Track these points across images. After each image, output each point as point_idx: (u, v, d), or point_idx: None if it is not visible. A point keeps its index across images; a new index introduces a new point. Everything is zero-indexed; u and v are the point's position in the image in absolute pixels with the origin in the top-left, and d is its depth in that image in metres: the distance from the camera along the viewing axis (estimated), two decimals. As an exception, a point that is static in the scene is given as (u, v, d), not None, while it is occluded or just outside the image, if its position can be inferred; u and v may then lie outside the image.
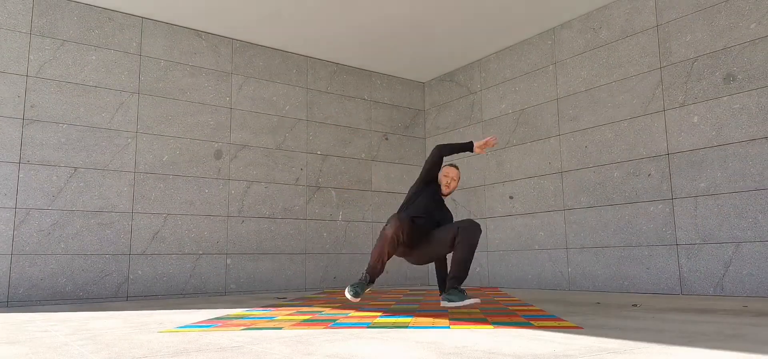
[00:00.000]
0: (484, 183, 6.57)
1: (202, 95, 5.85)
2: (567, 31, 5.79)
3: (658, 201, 4.86)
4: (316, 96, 6.65)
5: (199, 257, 5.60)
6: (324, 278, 6.40)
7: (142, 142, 5.43)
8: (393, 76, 7.36)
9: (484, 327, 2.69)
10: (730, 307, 3.46)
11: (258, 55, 6.28)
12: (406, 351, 2.06)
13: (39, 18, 5.07)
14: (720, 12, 4.58)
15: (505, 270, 6.23)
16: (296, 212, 6.31)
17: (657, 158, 4.90)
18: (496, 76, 6.56)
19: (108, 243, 5.14)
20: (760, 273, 4.20)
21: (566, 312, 3.33)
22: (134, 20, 5.53)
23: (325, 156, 6.62)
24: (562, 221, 5.66)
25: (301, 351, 2.10)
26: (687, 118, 4.72)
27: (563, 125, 5.74)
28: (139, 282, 5.25)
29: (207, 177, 5.76)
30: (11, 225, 4.74)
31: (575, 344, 2.14)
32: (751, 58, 4.37)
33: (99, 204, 5.14)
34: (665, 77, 4.91)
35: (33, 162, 4.90)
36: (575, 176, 5.58)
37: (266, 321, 3.13)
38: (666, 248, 4.77)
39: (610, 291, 5.16)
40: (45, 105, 5.00)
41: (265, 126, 6.22)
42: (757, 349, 1.95)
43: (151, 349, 2.20)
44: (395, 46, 6.43)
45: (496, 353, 1.97)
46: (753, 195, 4.28)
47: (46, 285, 4.83)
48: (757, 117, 4.30)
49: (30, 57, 4.99)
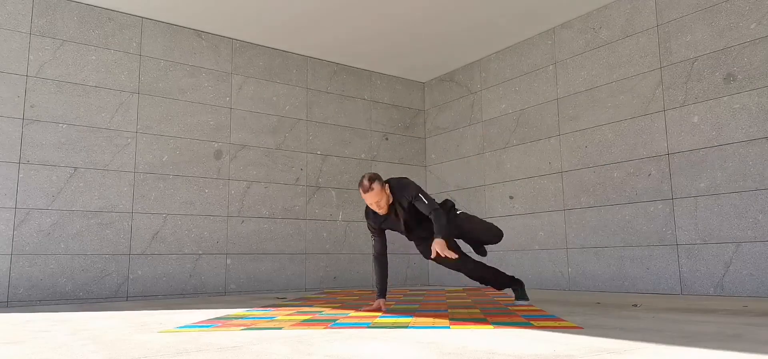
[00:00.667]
0: (484, 183, 6.57)
1: (202, 94, 5.85)
2: (567, 31, 5.79)
3: (658, 201, 4.85)
4: (316, 96, 6.65)
5: (199, 257, 5.60)
6: (324, 278, 6.40)
7: (142, 142, 5.43)
8: (393, 76, 7.36)
9: (484, 327, 2.69)
10: (730, 307, 3.46)
11: (258, 55, 6.28)
12: (406, 351, 2.05)
13: (39, 18, 5.07)
14: (720, 12, 4.58)
15: (505, 269, 6.22)
16: (296, 212, 6.31)
17: (657, 158, 4.90)
18: (496, 76, 6.55)
19: (108, 243, 5.14)
20: (760, 273, 4.20)
21: (566, 312, 3.33)
22: (134, 20, 5.53)
23: (325, 156, 6.62)
24: (562, 221, 5.66)
25: (301, 351, 2.10)
26: (687, 118, 4.72)
27: (563, 125, 5.74)
28: (139, 282, 5.25)
29: (207, 177, 5.76)
30: (11, 225, 4.74)
31: (575, 344, 2.14)
32: (751, 58, 4.37)
33: (99, 204, 5.14)
34: (665, 77, 4.90)
35: (33, 162, 4.90)
36: (575, 176, 5.57)
37: (266, 321, 3.13)
38: (666, 248, 4.77)
39: (610, 291, 5.16)
40: (45, 105, 5.00)
41: (265, 126, 6.22)
42: (757, 349, 1.95)
43: (151, 349, 2.20)
44: (395, 46, 6.43)
45: (496, 353, 1.97)
46: (753, 195, 4.28)
47: (46, 285, 4.83)
48: (757, 117, 4.30)
49: (30, 57, 4.99)
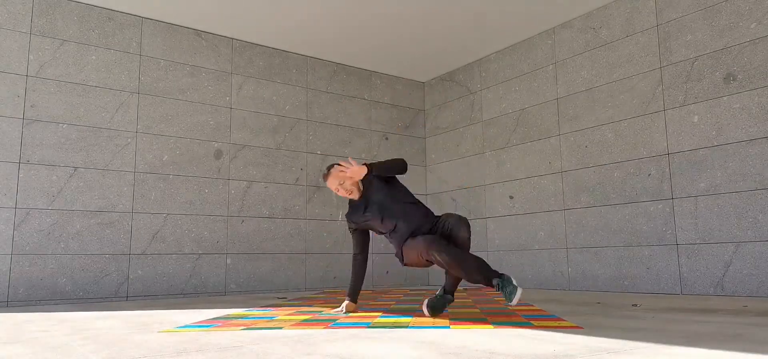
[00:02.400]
0: (484, 183, 6.57)
1: (202, 94, 5.85)
2: (567, 31, 5.79)
3: (658, 201, 4.85)
4: (316, 96, 6.65)
5: (199, 257, 5.60)
6: (324, 278, 6.40)
7: (142, 142, 5.43)
8: (393, 76, 7.36)
9: (484, 327, 2.69)
10: (730, 307, 3.46)
11: (258, 55, 6.28)
12: (406, 351, 2.05)
13: (39, 18, 5.07)
14: (720, 12, 4.58)
15: (505, 269, 6.22)
16: (296, 212, 6.31)
17: (657, 158, 4.90)
18: (496, 76, 6.55)
19: (108, 243, 5.14)
20: (760, 273, 4.20)
21: (566, 312, 3.33)
22: (134, 20, 5.53)
23: (325, 156, 6.62)
24: (562, 221, 5.66)
25: (301, 351, 2.10)
26: (687, 118, 4.72)
27: (563, 125, 5.74)
28: (139, 282, 5.25)
29: (207, 177, 5.76)
30: (11, 225, 4.74)
31: (575, 344, 2.14)
32: (751, 58, 4.37)
33: (99, 204, 5.14)
34: (665, 77, 4.90)
35: (33, 162, 4.90)
36: (575, 176, 5.57)
37: (266, 321, 3.13)
38: (666, 248, 4.77)
39: (610, 291, 5.15)
40: (45, 105, 5.00)
41: (265, 126, 6.22)
42: (757, 349, 1.95)
43: (151, 349, 2.20)
44: (395, 46, 6.43)
45: (496, 353, 1.97)
46: (753, 195, 4.28)
47: (46, 284, 4.83)
48: (757, 117, 4.30)
49: (30, 57, 4.99)
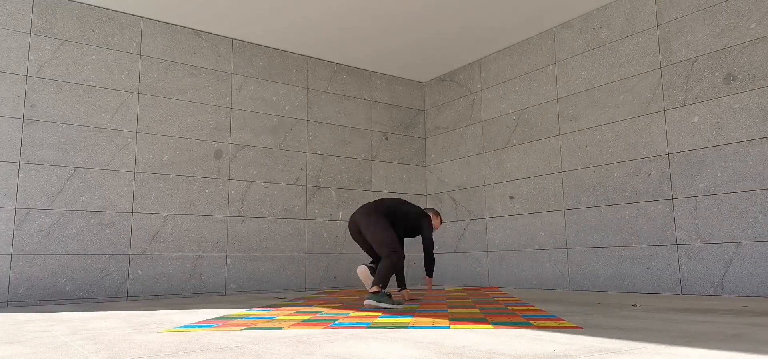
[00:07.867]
0: (484, 183, 6.57)
1: (202, 94, 5.85)
2: (567, 31, 5.79)
3: (658, 201, 4.85)
4: (316, 96, 6.65)
5: (199, 257, 5.60)
6: (324, 278, 6.40)
7: (142, 142, 5.43)
8: (393, 76, 7.36)
9: (484, 327, 2.69)
10: (730, 307, 3.46)
11: (258, 55, 6.28)
12: (406, 351, 2.05)
13: (39, 18, 5.07)
14: (720, 12, 4.58)
15: (505, 269, 6.22)
16: (296, 212, 6.31)
17: (657, 158, 4.90)
18: (496, 76, 6.55)
19: (108, 243, 5.14)
20: (760, 273, 4.20)
21: (566, 312, 3.33)
22: (134, 20, 5.53)
23: (325, 156, 6.62)
24: (562, 221, 5.66)
25: (301, 351, 2.10)
26: (687, 118, 4.72)
27: (563, 125, 5.74)
28: (139, 281, 5.25)
29: (207, 177, 5.76)
30: (11, 225, 4.74)
31: (575, 344, 2.14)
32: (751, 58, 4.37)
33: (99, 204, 5.14)
34: (665, 77, 4.90)
35: (33, 162, 4.90)
36: (575, 176, 5.57)
37: (266, 321, 3.13)
38: (666, 248, 4.77)
39: (610, 291, 5.15)
40: (45, 105, 5.00)
41: (265, 126, 6.22)
42: (757, 349, 1.95)
43: (151, 349, 2.20)
44: (395, 46, 6.43)
45: (496, 353, 1.97)
46: (753, 195, 4.28)
47: (46, 284, 4.83)
48: (757, 117, 4.30)
49: (30, 57, 4.99)
